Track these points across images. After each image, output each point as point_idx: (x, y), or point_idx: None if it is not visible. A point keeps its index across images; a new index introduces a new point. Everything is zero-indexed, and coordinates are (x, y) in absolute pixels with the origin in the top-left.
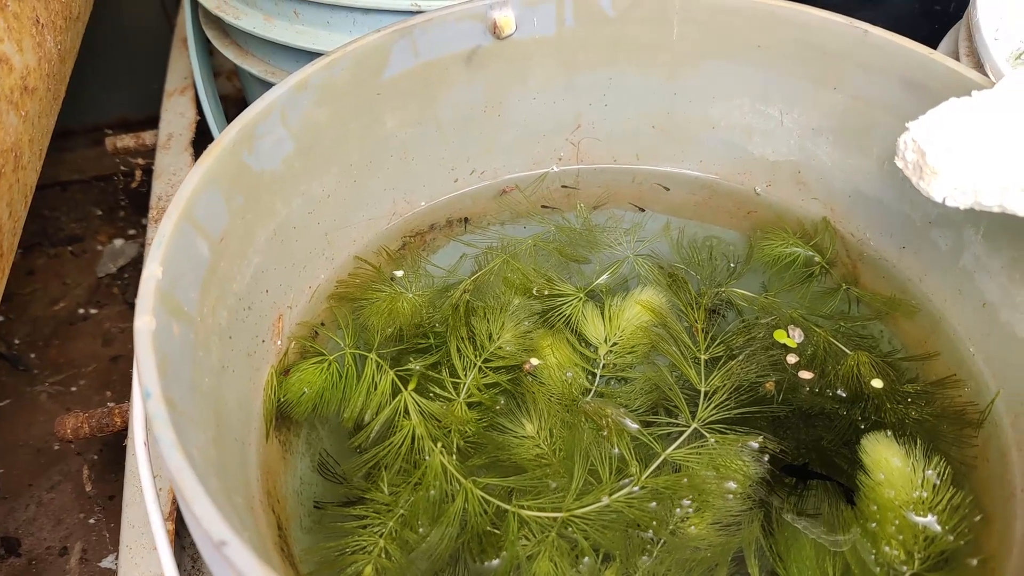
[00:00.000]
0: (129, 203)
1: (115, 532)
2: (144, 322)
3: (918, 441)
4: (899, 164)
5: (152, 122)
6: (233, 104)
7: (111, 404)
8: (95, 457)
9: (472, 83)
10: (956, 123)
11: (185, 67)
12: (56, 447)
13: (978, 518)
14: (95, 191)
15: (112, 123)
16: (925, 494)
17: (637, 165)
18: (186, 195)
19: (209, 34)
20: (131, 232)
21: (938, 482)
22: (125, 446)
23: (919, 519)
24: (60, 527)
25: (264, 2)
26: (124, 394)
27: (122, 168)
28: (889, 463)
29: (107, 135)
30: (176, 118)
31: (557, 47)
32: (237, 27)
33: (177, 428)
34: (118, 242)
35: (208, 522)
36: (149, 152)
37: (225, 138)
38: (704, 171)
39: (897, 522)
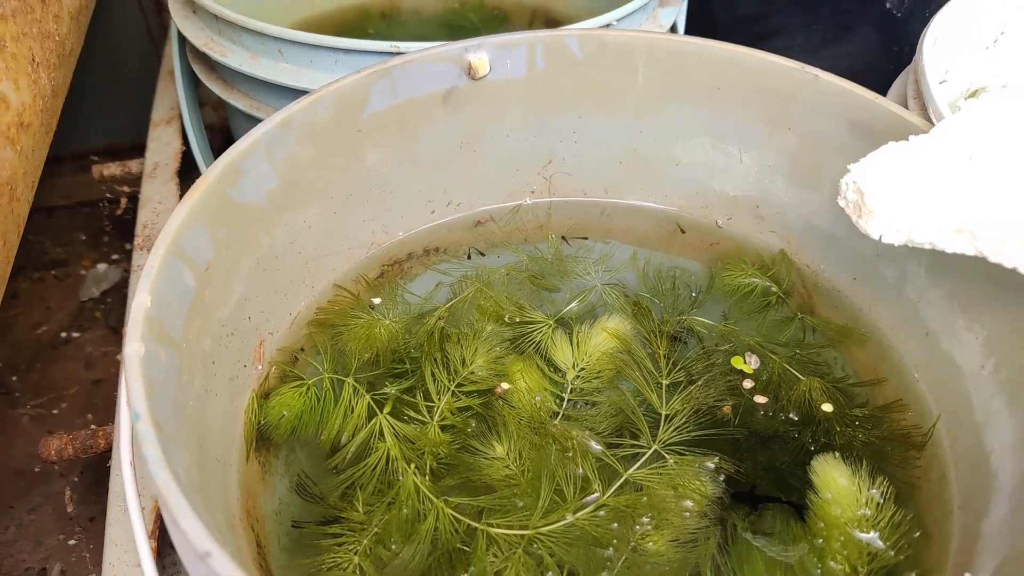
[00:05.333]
0: (113, 228)
1: (95, 553)
2: (134, 348)
3: (864, 462)
4: (841, 203)
5: (137, 149)
6: (218, 133)
7: (94, 427)
8: (76, 479)
9: (449, 121)
10: (893, 166)
11: (171, 98)
12: (37, 469)
13: (917, 535)
14: (80, 216)
15: (98, 150)
16: (869, 512)
17: (606, 199)
18: (173, 229)
19: (196, 68)
20: (115, 257)
21: (882, 501)
22: (107, 467)
23: (863, 535)
24: (40, 549)
25: (250, 41)
26: (106, 417)
27: (107, 195)
28: (836, 483)
29: (93, 162)
30: (162, 148)
31: (529, 88)
32: (223, 64)
33: (164, 448)
34: (101, 267)
35: (194, 535)
36: (135, 180)
37: (211, 174)
38: (668, 204)
39: (843, 538)
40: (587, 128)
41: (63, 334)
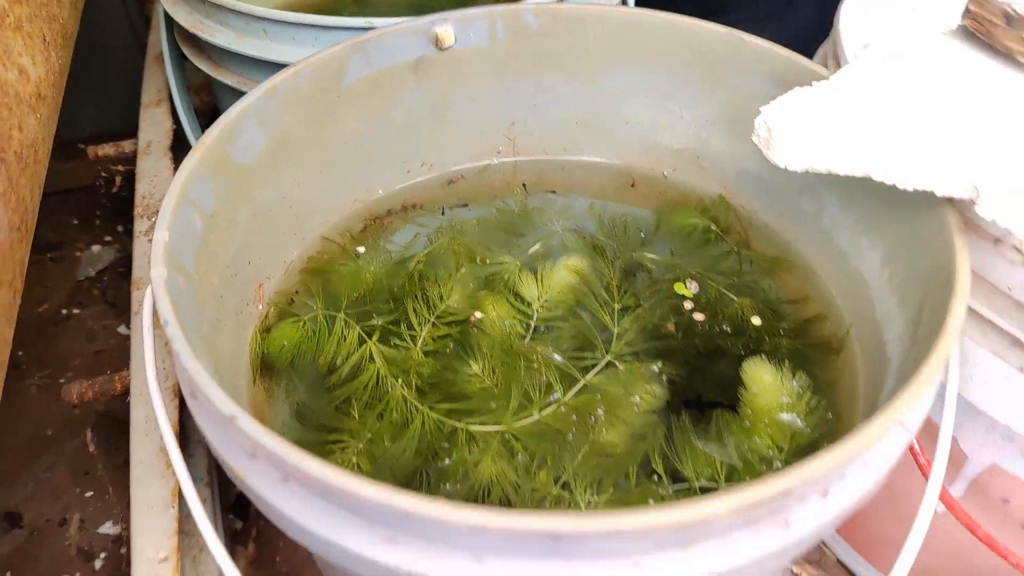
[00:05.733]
0: (103, 212)
1: (114, 500)
2: (158, 272)
3: (788, 362)
4: (755, 140)
5: (121, 135)
6: (203, 116)
7: (110, 372)
8: (89, 433)
9: (420, 88)
10: (796, 106)
11: (159, 81)
12: (49, 432)
13: (831, 415)
14: (71, 201)
15: (84, 137)
16: (790, 400)
17: (565, 156)
18: (183, 178)
19: (185, 50)
20: (107, 239)
21: (801, 392)
22: (117, 423)
23: (785, 417)
24: (58, 502)
25: (236, 21)
26: None
27: (103, 174)
28: (763, 379)
29: (81, 149)
30: (154, 127)
31: (491, 56)
32: (212, 43)
33: (190, 346)
34: (95, 248)
35: (220, 403)
36: (128, 159)
37: (211, 134)
38: (620, 160)
39: (767, 422)
40: (545, 92)
41: (63, 311)
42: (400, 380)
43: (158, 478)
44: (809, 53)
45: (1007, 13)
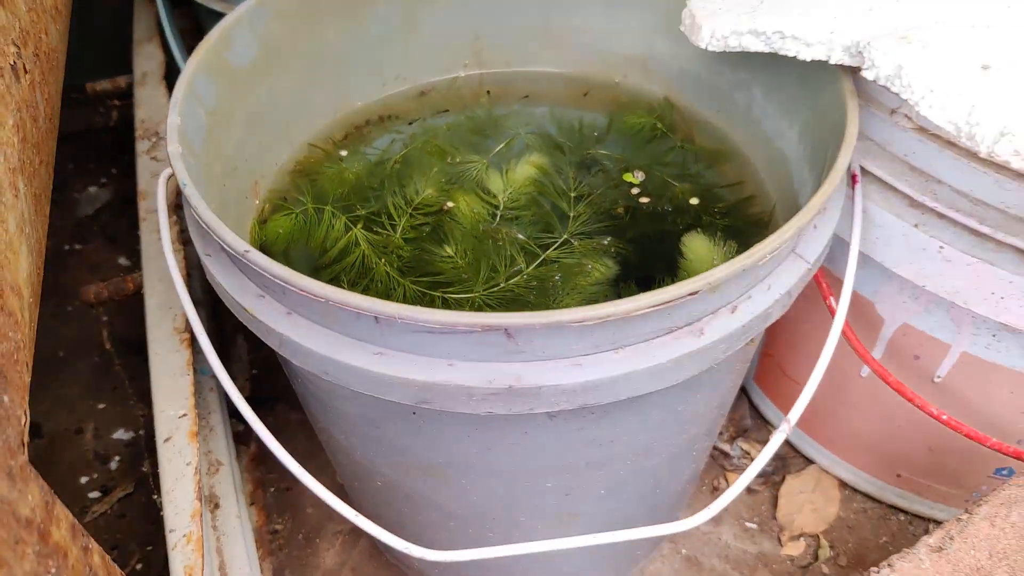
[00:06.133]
0: (98, 155)
1: (127, 408)
2: (174, 147)
3: (720, 236)
4: (682, 28)
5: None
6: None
7: (123, 274)
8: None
9: (388, 3)
10: None
11: (149, 19)
12: (61, 354)
13: None
14: (66, 148)
15: (71, 87)
16: (720, 263)
17: (526, 67)
18: (188, 73)
19: None
20: (103, 180)
21: (730, 256)
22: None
23: None
24: (74, 414)
25: None
26: None
27: (100, 109)
28: (698, 248)
29: (72, 97)
30: (147, 60)
31: None
32: None
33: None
34: (92, 189)
35: (233, 241)
36: (123, 93)
37: (211, 39)
38: (577, 68)
39: None
40: (504, 7)
41: (66, 247)
42: (383, 260)
43: (173, 351)
44: None
45: None
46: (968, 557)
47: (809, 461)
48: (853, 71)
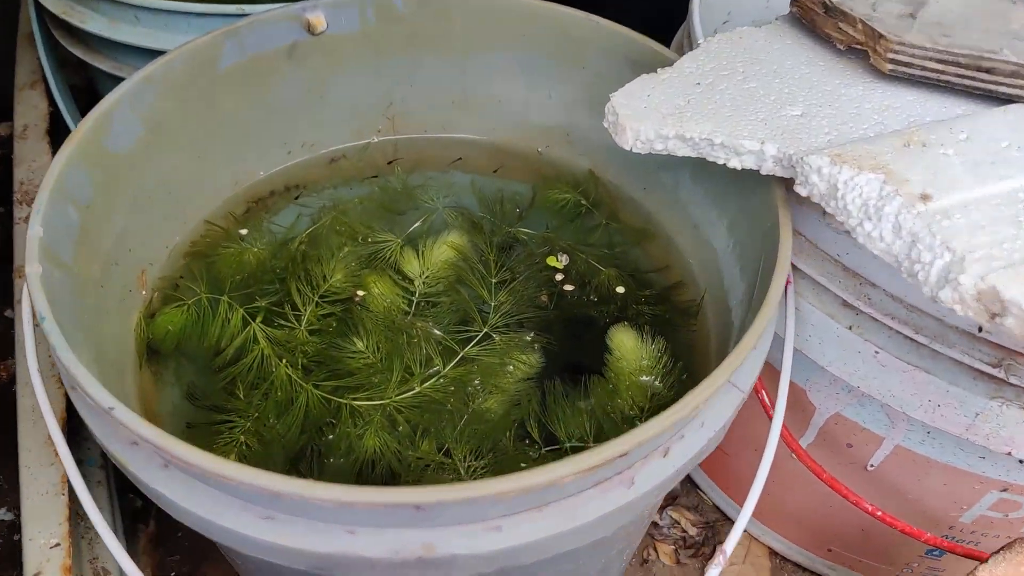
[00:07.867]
0: None
1: (7, 487)
2: (33, 269)
3: (649, 329)
4: (606, 124)
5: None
6: (83, 92)
7: None
8: None
9: (296, 72)
10: (641, 92)
11: (32, 62)
12: None
13: (684, 376)
14: None
15: None
16: (649, 363)
17: (444, 134)
18: (55, 173)
19: (56, 34)
20: None
21: (659, 355)
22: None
23: (644, 379)
24: None
25: (106, 7)
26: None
27: None
28: (625, 344)
29: None
30: (30, 110)
31: (364, 40)
32: (84, 30)
33: (67, 341)
34: None
35: (98, 395)
36: (4, 142)
37: (84, 126)
38: (496, 137)
39: (629, 383)
40: (419, 73)
41: None
42: (284, 360)
43: (47, 466)
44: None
45: (825, 2)
46: None
47: None
48: (787, 181)
